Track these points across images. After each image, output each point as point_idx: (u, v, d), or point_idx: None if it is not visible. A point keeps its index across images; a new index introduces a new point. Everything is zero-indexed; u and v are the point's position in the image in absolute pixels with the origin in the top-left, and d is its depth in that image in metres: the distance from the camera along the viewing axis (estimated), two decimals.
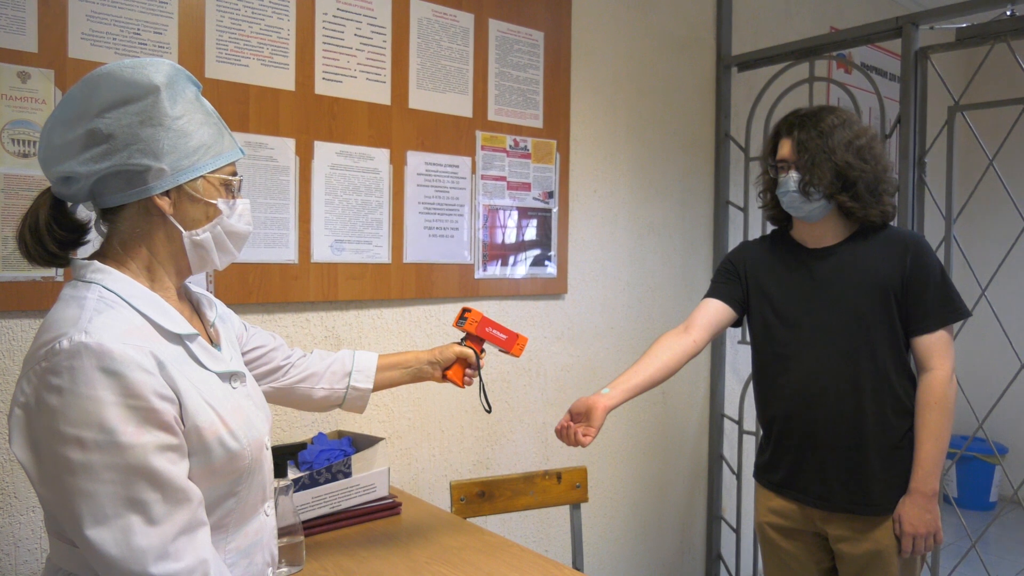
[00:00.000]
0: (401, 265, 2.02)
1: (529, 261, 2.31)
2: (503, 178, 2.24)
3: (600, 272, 2.55)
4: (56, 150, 0.94)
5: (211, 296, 1.17)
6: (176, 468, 0.89)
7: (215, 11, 1.70)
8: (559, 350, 2.43)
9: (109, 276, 0.94)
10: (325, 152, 1.87)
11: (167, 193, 0.96)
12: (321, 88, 1.86)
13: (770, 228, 1.93)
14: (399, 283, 2.02)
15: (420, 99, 2.04)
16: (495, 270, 2.23)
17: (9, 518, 1.51)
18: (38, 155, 0.97)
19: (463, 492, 1.87)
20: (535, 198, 2.32)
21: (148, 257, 0.99)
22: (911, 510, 1.61)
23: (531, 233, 2.31)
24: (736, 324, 1.86)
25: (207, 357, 1.00)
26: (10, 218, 1.46)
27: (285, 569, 1.33)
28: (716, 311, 1.81)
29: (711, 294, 1.85)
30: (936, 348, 1.63)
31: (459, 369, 1.49)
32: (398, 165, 2.00)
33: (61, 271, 1.51)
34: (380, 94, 1.97)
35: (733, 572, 2.94)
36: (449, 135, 2.10)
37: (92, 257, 0.98)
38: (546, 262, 2.36)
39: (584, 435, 1.55)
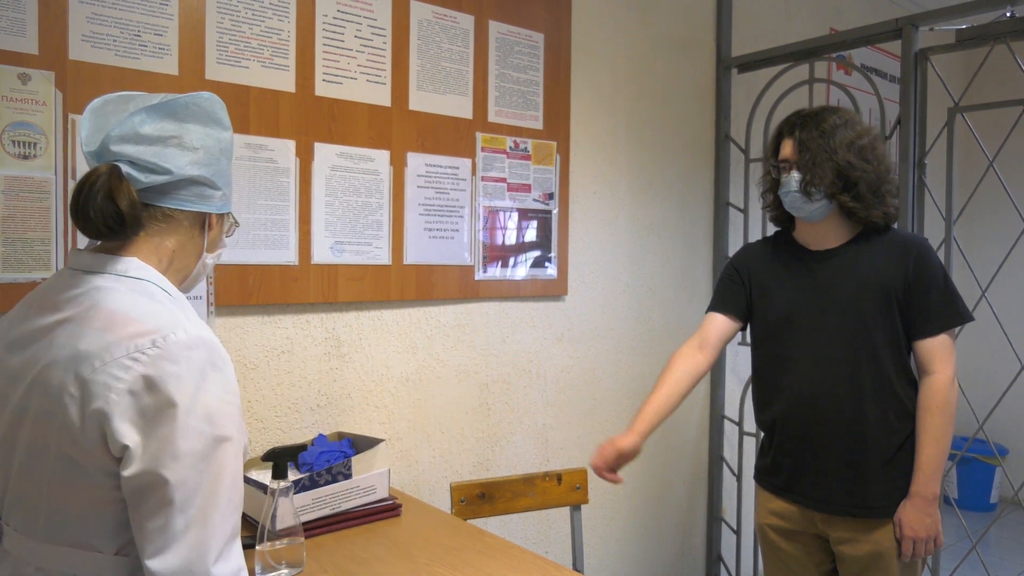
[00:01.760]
0: (401, 266, 2.02)
1: (529, 262, 2.31)
2: (503, 179, 2.24)
3: (600, 273, 2.55)
4: (137, 135, 0.96)
5: None
6: (242, 468, 0.94)
7: (215, 13, 1.70)
8: (559, 351, 2.43)
9: (152, 273, 0.98)
10: (325, 153, 1.87)
11: (220, 215, 1.07)
12: (321, 90, 1.86)
13: (771, 229, 1.93)
14: (399, 284, 2.02)
15: (420, 101, 2.04)
16: (495, 271, 2.23)
17: None
18: (111, 132, 0.95)
19: (463, 493, 1.87)
20: (535, 199, 2.32)
21: (169, 260, 1.03)
22: (911, 514, 1.61)
23: (531, 234, 2.31)
24: (742, 328, 1.87)
25: None
26: (10, 220, 1.46)
27: (286, 570, 1.33)
28: (726, 327, 1.82)
29: (718, 308, 1.84)
30: (938, 352, 1.62)
31: None
32: (398, 167, 2.00)
33: None
34: (380, 96, 1.97)
35: (733, 573, 2.93)
36: (449, 137, 2.11)
37: (113, 250, 0.98)
38: (546, 263, 2.36)
39: (616, 479, 1.68)
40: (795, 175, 1.67)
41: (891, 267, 1.64)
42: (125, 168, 0.95)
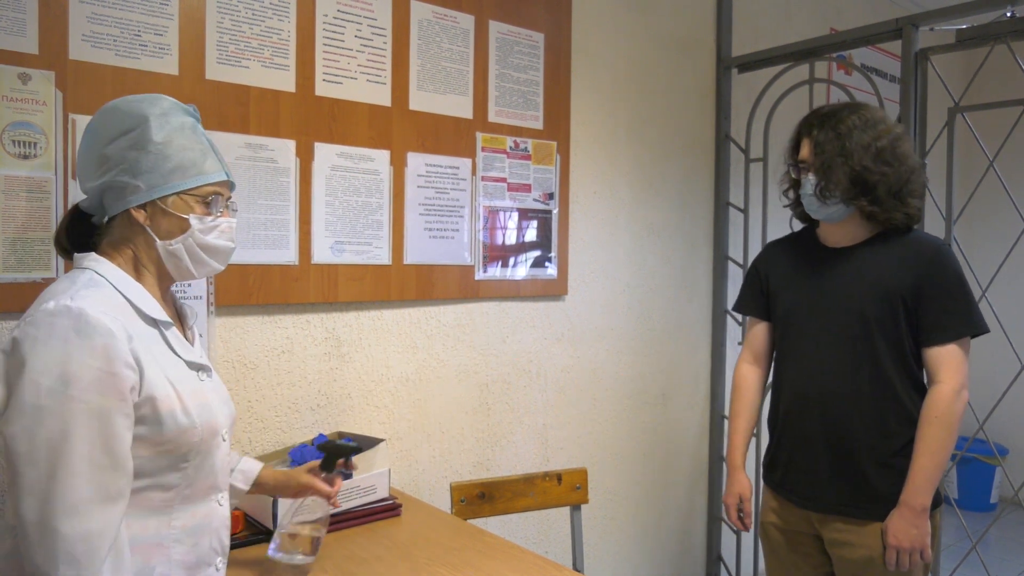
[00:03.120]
0: (401, 266, 2.02)
1: (529, 262, 2.31)
2: (503, 179, 2.24)
3: (600, 273, 2.55)
4: (81, 170, 1.14)
5: (196, 312, 1.26)
6: (117, 432, 0.97)
7: (216, 12, 1.70)
8: (559, 351, 2.43)
9: (101, 264, 1.09)
10: (325, 153, 1.87)
11: (144, 207, 1.10)
12: (321, 90, 1.86)
13: (771, 231, 1.93)
14: (399, 284, 2.02)
15: (420, 100, 2.04)
16: (495, 271, 2.23)
17: None
18: (75, 174, 1.21)
19: (463, 493, 1.87)
20: (535, 199, 2.32)
21: (134, 257, 1.13)
22: (897, 523, 1.58)
23: (531, 234, 2.31)
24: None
25: (178, 345, 1.12)
26: (10, 220, 1.46)
27: (300, 557, 1.31)
28: (767, 331, 1.88)
29: (750, 312, 1.89)
30: (944, 361, 1.57)
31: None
32: (398, 166, 2.00)
33: (62, 273, 1.51)
34: (380, 95, 1.97)
35: (733, 573, 2.93)
36: (449, 136, 2.11)
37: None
38: (546, 263, 2.36)
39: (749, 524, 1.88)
40: (811, 178, 1.64)
41: (903, 270, 1.60)
42: (82, 201, 1.14)
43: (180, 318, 1.21)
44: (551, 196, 2.36)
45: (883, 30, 2.38)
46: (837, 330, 1.66)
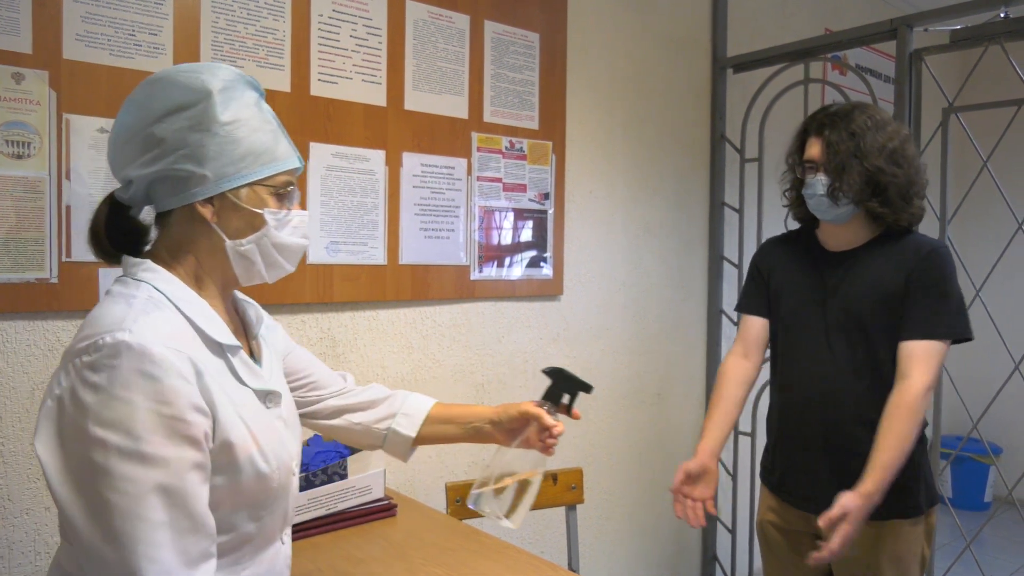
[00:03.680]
0: (397, 266, 2.02)
1: (525, 262, 2.31)
2: (499, 179, 2.24)
3: (596, 273, 2.55)
4: (120, 155, 0.95)
5: (259, 307, 1.12)
6: (196, 490, 0.85)
7: (210, 12, 1.69)
8: (555, 351, 2.43)
9: (159, 276, 0.93)
10: (321, 153, 1.87)
11: (211, 200, 0.93)
12: (317, 89, 1.86)
13: (767, 230, 1.93)
14: (395, 284, 2.02)
15: (416, 100, 2.04)
16: (491, 271, 2.23)
17: (3, 521, 1.51)
18: (108, 158, 0.97)
19: (459, 494, 1.87)
20: (531, 199, 2.32)
21: (195, 265, 0.97)
22: (859, 517, 1.45)
23: (527, 234, 2.31)
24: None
25: (246, 372, 0.97)
26: (3, 220, 1.45)
27: (505, 521, 1.13)
28: (762, 327, 1.81)
29: (750, 309, 1.85)
30: (918, 357, 1.52)
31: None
32: (394, 166, 2.00)
33: (56, 273, 1.51)
34: (376, 95, 1.97)
35: (729, 573, 2.94)
36: (445, 136, 2.10)
37: (145, 258, 0.97)
38: (542, 263, 2.36)
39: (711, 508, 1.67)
40: (822, 178, 1.61)
41: (899, 271, 1.59)
42: (119, 192, 0.96)
43: (243, 323, 1.06)
44: (547, 196, 2.36)
45: (878, 31, 2.39)
46: (837, 332, 1.65)
